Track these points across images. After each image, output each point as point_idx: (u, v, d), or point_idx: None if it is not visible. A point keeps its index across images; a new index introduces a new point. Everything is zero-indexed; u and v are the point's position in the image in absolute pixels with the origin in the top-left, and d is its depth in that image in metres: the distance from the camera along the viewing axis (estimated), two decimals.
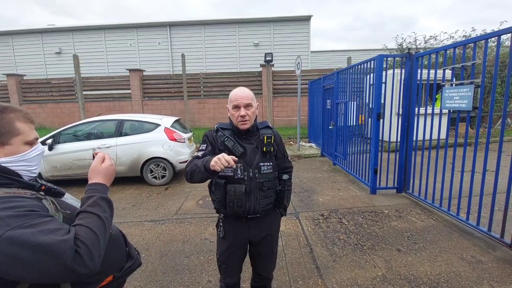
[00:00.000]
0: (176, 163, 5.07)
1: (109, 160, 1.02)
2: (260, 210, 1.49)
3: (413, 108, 3.94)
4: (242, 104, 1.46)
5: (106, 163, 1.00)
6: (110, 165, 1.01)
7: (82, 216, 0.84)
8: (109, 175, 1.00)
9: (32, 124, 0.94)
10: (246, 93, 1.50)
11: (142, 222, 3.54)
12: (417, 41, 11.71)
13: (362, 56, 16.13)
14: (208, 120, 11.51)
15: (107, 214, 0.88)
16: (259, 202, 1.48)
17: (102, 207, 0.88)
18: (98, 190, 0.92)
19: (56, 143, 4.95)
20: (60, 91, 12.11)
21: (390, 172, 4.35)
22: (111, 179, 1.00)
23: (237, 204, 1.43)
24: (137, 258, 1.15)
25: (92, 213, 0.84)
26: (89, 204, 0.87)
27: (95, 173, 0.97)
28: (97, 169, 0.98)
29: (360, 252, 2.68)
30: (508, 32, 2.54)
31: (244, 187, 1.43)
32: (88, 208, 0.85)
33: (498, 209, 3.20)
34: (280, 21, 15.69)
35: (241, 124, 1.48)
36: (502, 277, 2.25)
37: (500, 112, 8.76)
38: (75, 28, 16.35)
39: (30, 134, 0.91)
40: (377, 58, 4.11)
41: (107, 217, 0.87)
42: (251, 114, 1.48)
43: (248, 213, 1.47)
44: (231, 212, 1.47)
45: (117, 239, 1.08)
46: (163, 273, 2.46)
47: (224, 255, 1.58)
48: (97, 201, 0.88)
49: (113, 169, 1.01)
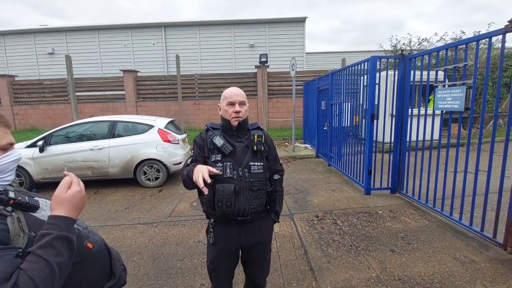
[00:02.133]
0: (170, 165, 5.02)
1: (77, 186, 0.85)
2: (251, 211, 1.45)
3: (407, 109, 3.96)
4: (238, 101, 1.49)
5: (72, 190, 0.83)
6: (78, 192, 0.84)
7: (29, 258, 0.70)
8: (76, 204, 0.83)
9: (6, 128, 0.85)
10: (240, 91, 1.54)
11: (135, 225, 3.49)
12: (411, 42, 11.84)
13: (357, 57, 16.23)
14: (203, 121, 11.46)
15: (61, 259, 0.72)
16: (249, 202, 1.44)
17: (56, 249, 0.72)
18: (57, 225, 0.76)
19: (47, 145, 4.86)
20: (53, 92, 11.95)
21: (384, 173, 4.37)
22: (79, 209, 0.84)
23: (226, 203, 1.38)
24: (122, 276, 1.05)
25: (41, 258, 0.69)
26: (41, 244, 0.71)
27: (58, 203, 0.80)
28: (61, 198, 0.80)
29: (355, 253, 2.67)
30: (498, 34, 2.56)
31: (233, 186, 1.39)
32: (37, 251, 0.70)
33: (491, 209, 3.23)
34: (275, 22, 15.74)
35: (235, 120, 1.49)
36: (495, 276, 2.26)
37: (492, 113, 8.89)
38: (68, 28, 16.18)
39: (2, 138, 0.82)
40: (371, 60, 4.13)
41: (61, 262, 0.72)
42: (244, 111, 1.51)
43: (237, 214, 1.42)
44: (220, 213, 1.42)
45: (98, 256, 0.97)
46: (155, 276, 2.42)
47: (215, 262, 1.53)
48: (51, 241, 0.72)
49: (80, 196, 0.84)
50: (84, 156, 4.85)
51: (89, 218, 3.70)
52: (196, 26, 15.96)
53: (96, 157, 4.86)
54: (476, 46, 2.87)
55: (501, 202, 2.62)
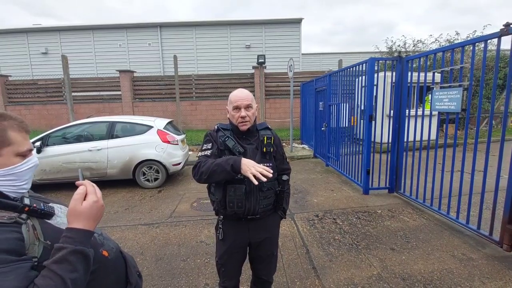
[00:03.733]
0: (170, 166, 5.01)
1: (93, 196, 0.80)
2: (260, 211, 1.49)
3: (404, 110, 4.03)
4: (243, 105, 1.47)
5: (88, 201, 0.78)
6: (95, 202, 0.79)
7: (44, 273, 0.68)
8: (93, 215, 0.78)
9: (26, 134, 0.84)
10: (245, 94, 1.51)
11: (136, 225, 3.49)
12: (406, 44, 11.99)
13: (353, 58, 16.37)
14: (200, 122, 11.44)
15: (76, 275, 0.70)
16: (258, 202, 1.48)
17: (72, 264, 0.69)
18: (74, 239, 0.72)
19: (45, 146, 4.82)
20: (47, 92, 11.79)
21: (382, 172, 4.44)
22: (97, 220, 0.80)
23: (237, 204, 1.43)
24: (138, 283, 1.03)
25: (55, 274, 0.67)
26: (56, 259, 0.69)
27: (74, 216, 0.76)
28: (76, 211, 0.76)
29: (355, 252, 2.72)
30: (494, 37, 2.64)
31: (244, 187, 1.43)
32: (52, 266, 0.68)
33: (487, 208, 3.31)
34: (271, 23, 15.79)
35: (241, 125, 1.50)
36: (492, 273, 2.32)
37: (488, 114, 9.07)
38: (62, 28, 15.98)
39: (23, 144, 0.81)
40: (369, 61, 4.19)
41: (76, 278, 0.69)
42: (251, 115, 1.50)
43: (248, 213, 1.47)
44: (231, 212, 1.46)
45: (114, 264, 0.95)
46: (159, 277, 2.43)
47: (223, 257, 1.57)
48: (66, 256, 0.69)
49: (98, 207, 0.80)
50: (82, 157, 4.81)
51: None
52: (192, 26, 15.93)
53: (94, 158, 4.83)
54: (473, 49, 2.94)
55: (497, 201, 2.70)
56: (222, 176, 1.36)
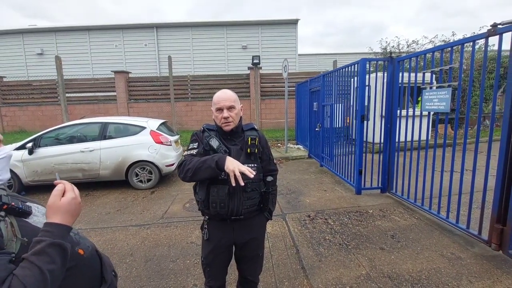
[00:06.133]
0: (163, 167, 5.00)
1: (71, 193, 0.85)
2: (244, 211, 1.49)
3: (395, 110, 4.05)
4: (225, 106, 1.48)
5: (67, 197, 0.83)
6: (73, 199, 0.84)
7: (23, 265, 0.70)
8: (72, 211, 0.83)
9: None
10: (228, 95, 1.51)
11: (127, 227, 3.47)
12: (399, 45, 12.07)
13: (348, 59, 16.44)
14: (196, 123, 11.43)
15: (54, 266, 0.72)
16: (242, 203, 1.47)
17: (50, 256, 0.72)
18: (52, 233, 0.75)
19: (37, 147, 4.78)
20: (42, 93, 11.73)
21: (374, 172, 4.45)
22: (75, 216, 0.84)
23: (219, 204, 1.43)
24: (113, 281, 1.06)
25: (34, 265, 0.69)
26: (35, 251, 0.71)
27: (53, 211, 0.80)
28: (55, 206, 0.80)
29: (345, 252, 2.72)
30: (481, 38, 2.66)
31: (227, 188, 1.42)
32: (31, 257, 0.71)
33: (476, 207, 3.34)
34: (268, 24, 15.84)
35: (225, 126, 1.50)
36: (480, 272, 2.33)
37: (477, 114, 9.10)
38: (58, 28, 15.94)
39: None
40: (361, 62, 4.21)
41: (54, 270, 0.72)
42: (234, 115, 1.50)
43: (231, 214, 1.47)
44: (214, 213, 1.47)
45: (89, 262, 0.97)
46: (147, 278, 2.41)
47: (209, 257, 1.57)
48: (45, 248, 0.72)
49: (76, 203, 0.85)
50: (74, 158, 4.78)
51: (80, 221, 3.66)
52: (188, 27, 15.93)
53: (87, 159, 4.80)
54: (461, 49, 2.97)
55: (486, 200, 2.71)
56: (208, 173, 1.36)
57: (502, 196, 2.53)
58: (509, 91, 2.39)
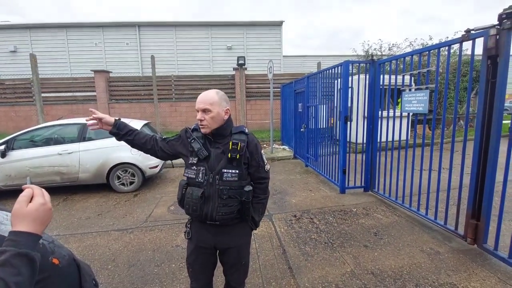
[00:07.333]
0: (146, 169, 4.88)
1: (40, 198, 0.77)
2: (219, 218, 1.44)
3: (377, 111, 4.18)
4: (199, 108, 1.43)
5: (34, 203, 0.75)
6: (41, 204, 0.76)
7: None
8: (40, 218, 0.75)
9: None
10: (204, 98, 1.44)
11: (109, 231, 3.35)
12: (382, 47, 12.46)
13: (332, 61, 16.73)
14: (180, 124, 11.24)
15: (21, 278, 0.67)
16: (216, 209, 1.43)
17: (15, 268, 0.67)
18: (17, 242, 0.69)
19: (10, 150, 4.53)
20: (15, 93, 11.13)
21: (358, 172, 4.56)
22: (44, 223, 0.76)
23: (192, 207, 1.43)
24: None
25: None
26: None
27: (18, 219, 0.73)
28: (21, 213, 0.73)
29: (331, 250, 2.77)
30: (456, 43, 2.80)
31: (201, 191, 1.41)
32: None
33: (453, 204, 3.49)
34: (253, 25, 15.86)
35: (201, 128, 1.48)
36: (457, 266, 2.44)
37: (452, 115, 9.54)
38: (33, 25, 15.18)
39: None
40: (344, 64, 4.30)
41: (20, 282, 0.67)
42: (208, 118, 1.43)
43: (205, 218, 1.44)
44: (187, 214, 1.49)
45: (66, 272, 0.92)
46: (131, 284, 2.34)
47: (191, 257, 1.57)
48: (9, 259, 0.66)
49: (45, 209, 0.77)
50: (51, 161, 4.57)
51: (58, 227, 3.50)
52: (172, 26, 15.66)
53: (65, 162, 4.60)
54: (438, 53, 3.11)
55: (462, 197, 2.85)
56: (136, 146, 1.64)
57: (476, 193, 2.67)
58: (481, 93, 2.52)
